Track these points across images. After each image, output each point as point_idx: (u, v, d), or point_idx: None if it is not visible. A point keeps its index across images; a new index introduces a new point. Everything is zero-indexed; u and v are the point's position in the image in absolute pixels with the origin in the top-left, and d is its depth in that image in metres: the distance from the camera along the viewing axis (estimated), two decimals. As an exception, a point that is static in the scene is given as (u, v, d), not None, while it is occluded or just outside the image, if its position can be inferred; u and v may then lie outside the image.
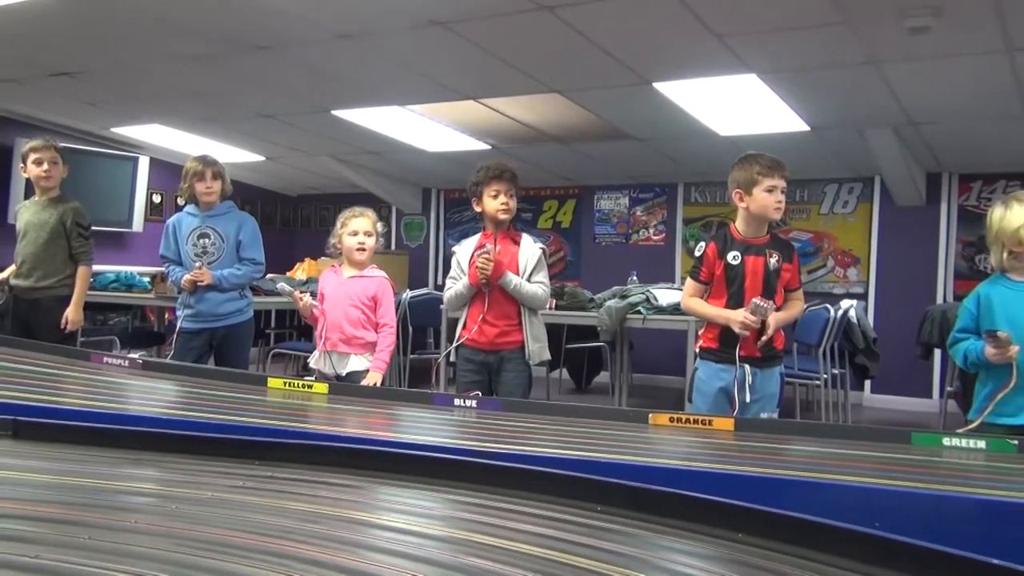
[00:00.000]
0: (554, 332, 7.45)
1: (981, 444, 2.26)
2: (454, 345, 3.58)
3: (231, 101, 6.53)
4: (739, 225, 3.15)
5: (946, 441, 2.29)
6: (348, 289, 3.60)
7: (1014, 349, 2.46)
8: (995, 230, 2.61)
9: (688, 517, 1.35)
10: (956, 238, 7.43)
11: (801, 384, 5.98)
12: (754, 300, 2.97)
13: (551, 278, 3.79)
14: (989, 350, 2.50)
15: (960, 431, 2.38)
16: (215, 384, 2.89)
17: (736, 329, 3.01)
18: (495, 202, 3.49)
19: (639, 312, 5.77)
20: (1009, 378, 2.48)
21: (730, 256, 3.10)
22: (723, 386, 3.07)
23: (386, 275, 3.71)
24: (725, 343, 3.08)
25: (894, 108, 5.56)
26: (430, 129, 7.01)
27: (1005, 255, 2.59)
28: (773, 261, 3.08)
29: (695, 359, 3.29)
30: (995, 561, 1.05)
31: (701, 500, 1.34)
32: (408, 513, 1.45)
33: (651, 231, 8.91)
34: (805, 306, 3.30)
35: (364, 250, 3.62)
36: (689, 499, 1.35)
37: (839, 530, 1.21)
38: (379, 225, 3.68)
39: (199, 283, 4.24)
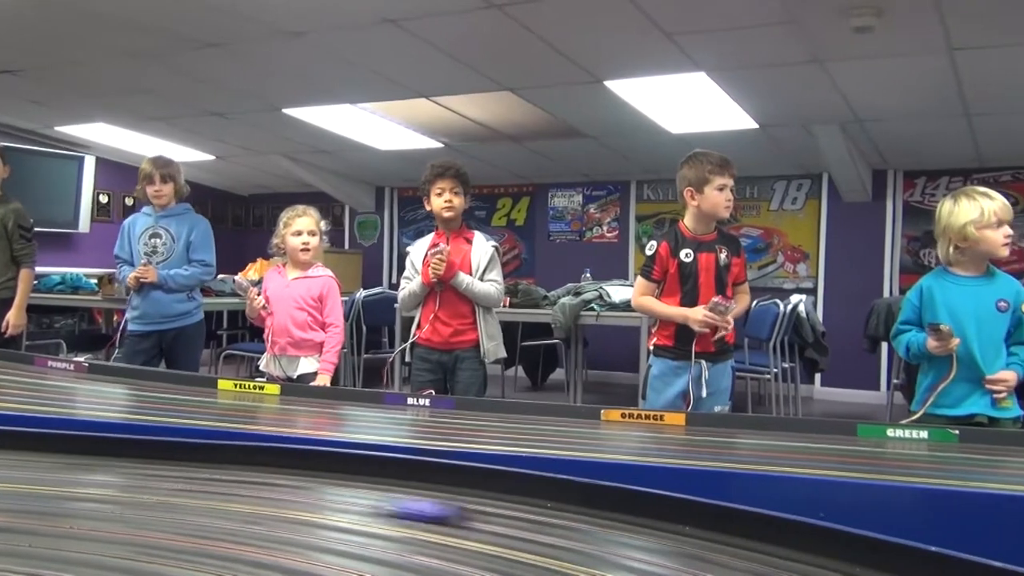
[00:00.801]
0: (509, 330, 7.46)
1: (924, 435, 2.30)
2: (406, 344, 3.57)
3: (180, 99, 6.43)
4: (688, 223, 3.16)
5: (890, 432, 2.33)
6: (293, 291, 3.54)
7: (955, 342, 2.51)
8: (943, 224, 2.67)
9: (637, 512, 1.35)
10: (901, 233, 7.59)
11: (752, 378, 6.06)
12: (714, 299, 2.97)
13: (506, 276, 3.79)
14: (931, 342, 2.55)
15: (903, 422, 2.43)
16: (164, 387, 2.85)
17: (696, 328, 3.02)
18: (439, 200, 3.49)
19: (593, 309, 5.80)
20: (950, 370, 2.53)
21: (683, 254, 3.11)
22: (678, 382, 3.09)
23: (331, 273, 3.66)
24: (680, 340, 3.09)
25: (840, 106, 5.66)
26: (382, 127, 6.98)
27: (951, 249, 2.65)
28: (723, 256, 3.11)
29: (648, 356, 3.31)
30: (932, 548, 1.07)
31: (650, 495, 1.35)
32: (356, 513, 1.44)
33: (605, 228, 8.96)
34: (753, 300, 3.34)
35: (308, 250, 3.55)
36: (638, 494, 1.36)
37: (784, 521, 1.23)
38: (323, 224, 3.63)
39: (143, 280, 4.17)
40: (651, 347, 3.24)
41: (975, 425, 2.50)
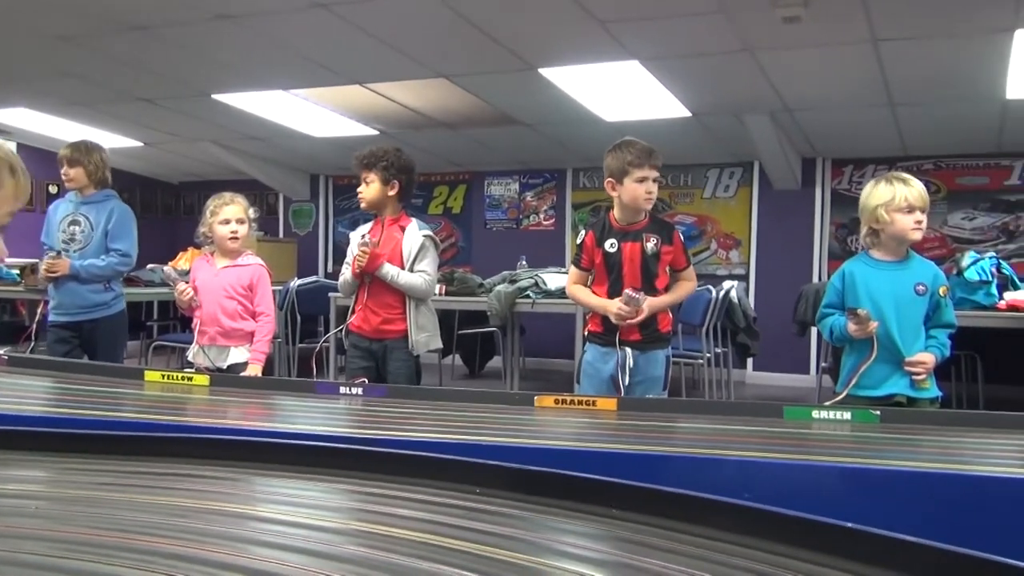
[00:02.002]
0: (446, 318, 7.48)
1: (847, 415, 2.36)
2: (335, 331, 3.56)
3: (105, 84, 6.25)
4: (615, 212, 3.17)
5: (815, 414, 2.39)
6: (222, 280, 3.48)
7: (873, 325, 2.58)
8: (861, 207, 2.75)
9: (565, 496, 1.37)
10: (830, 220, 7.77)
11: (686, 364, 6.15)
12: (626, 291, 2.98)
13: (442, 264, 3.78)
14: (851, 326, 2.62)
15: (827, 404, 2.49)
16: (87, 379, 2.77)
17: (612, 319, 3.06)
18: (359, 189, 3.49)
19: (528, 297, 5.82)
20: (870, 352, 2.61)
21: (607, 244, 3.12)
22: (608, 369, 3.11)
23: (262, 262, 3.61)
24: (607, 327, 3.12)
25: (770, 95, 5.76)
26: (316, 114, 6.89)
27: (866, 232, 2.73)
28: (651, 245, 3.09)
29: (584, 343, 3.33)
30: (848, 524, 1.10)
31: (576, 479, 1.36)
32: (288, 504, 1.43)
33: (541, 216, 8.99)
34: (695, 283, 3.34)
35: (237, 239, 3.49)
36: (564, 478, 1.37)
37: (708, 502, 1.25)
38: (252, 211, 3.57)
39: (54, 273, 4.06)
40: (586, 333, 3.28)
41: (895, 405, 2.57)
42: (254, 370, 3.39)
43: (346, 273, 3.53)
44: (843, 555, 1.06)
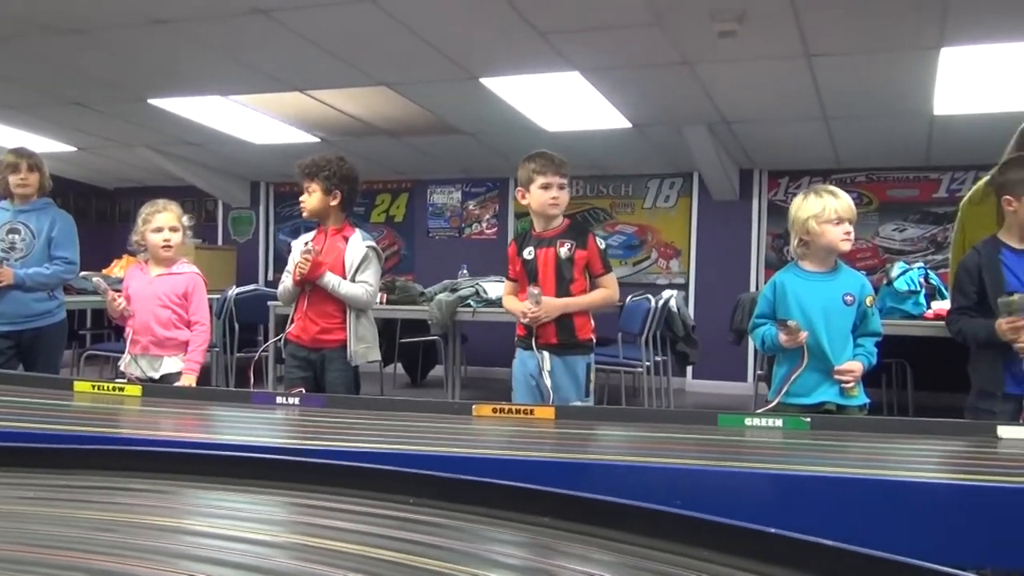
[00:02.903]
0: (387, 327, 7.46)
1: (778, 423, 2.41)
2: (273, 341, 3.52)
3: (37, 87, 6.10)
4: (533, 220, 3.27)
5: (748, 421, 2.43)
6: (156, 288, 3.43)
7: (803, 335, 2.65)
8: (791, 219, 2.81)
9: (498, 505, 1.37)
10: (766, 231, 7.92)
11: (626, 372, 6.20)
12: (528, 288, 3.09)
13: (384, 273, 3.79)
14: (781, 336, 2.68)
15: (759, 411, 2.54)
16: (14, 390, 2.70)
17: (522, 320, 3.14)
18: (301, 198, 3.48)
19: (469, 305, 5.82)
20: (801, 361, 2.67)
21: (526, 252, 3.22)
22: (529, 373, 3.16)
23: (197, 270, 3.56)
24: (528, 331, 3.18)
25: (708, 107, 5.86)
26: (256, 121, 6.81)
27: (796, 243, 2.80)
28: (564, 250, 3.16)
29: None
30: (771, 530, 1.12)
31: (509, 488, 1.36)
32: (220, 516, 1.41)
33: (484, 225, 9.00)
34: (618, 294, 3.36)
35: (170, 247, 3.45)
36: (497, 487, 1.37)
37: (640, 510, 1.27)
38: (186, 219, 3.52)
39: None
40: (516, 340, 3.31)
41: (825, 413, 2.64)
42: (188, 380, 3.34)
43: (287, 281, 3.51)
44: (769, 561, 1.08)
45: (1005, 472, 2.04)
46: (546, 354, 3.12)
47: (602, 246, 3.26)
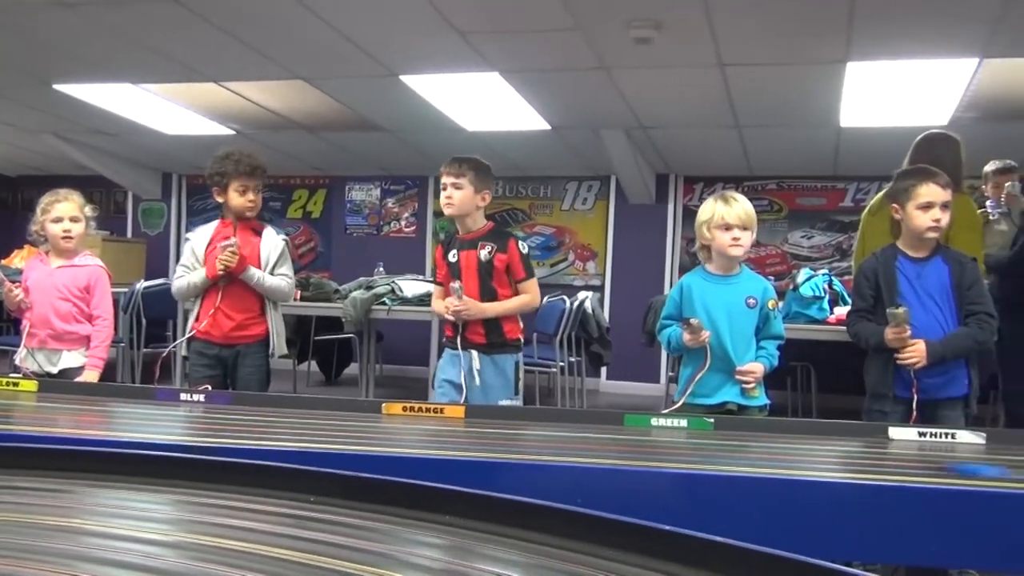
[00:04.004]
0: (302, 324, 7.36)
1: (683, 423, 2.47)
2: (185, 337, 3.44)
3: (-68, 69, 5.83)
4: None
5: (654, 421, 2.48)
6: (56, 280, 3.31)
7: (705, 334, 2.72)
8: (696, 224, 2.89)
9: (401, 504, 1.37)
10: (681, 235, 8.07)
11: (541, 372, 6.25)
12: (451, 284, 3.13)
13: (301, 269, 3.76)
14: (685, 336, 2.75)
15: (665, 412, 2.59)
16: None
17: (447, 316, 3.16)
18: (242, 199, 3.41)
19: (384, 303, 5.79)
20: (704, 361, 2.74)
21: (450, 255, 3.25)
22: (455, 372, 3.16)
23: (100, 262, 3.45)
24: (455, 332, 3.19)
25: (625, 112, 5.94)
26: (169, 110, 6.62)
27: (699, 247, 2.88)
28: (484, 253, 3.18)
29: (440, 350, 3.39)
30: (666, 527, 1.14)
31: (411, 486, 1.37)
32: (117, 516, 1.37)
33: (402, 223, 8.96)
34: (540, 297, 3.39)
35: (71, 238, 3.33)
36: (400, 485, 1.37)
37: (539, 508, 1.28)
38: (88, 209, 3.41)
39: None
40: (443, 341, 3.33)
41: (727, 412, 2.71)
42: (91, 376, 3.24)
43: (192, 276, 3.42)
44: (665, 558, 1.10)
45: (895, 471, 2.13)
46: (475, 353, 3.14)
47: (524, 251, 3.26)
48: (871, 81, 5.03)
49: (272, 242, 3.50)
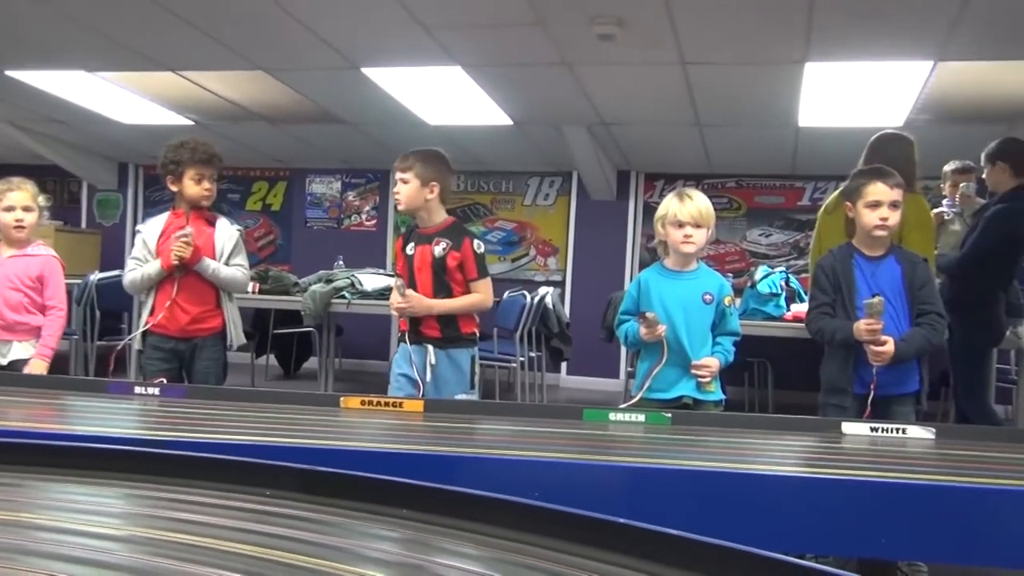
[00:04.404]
0: (261, 317, 7.29)
1: (641, 418, 2.49)
2: (139, 332, 3.39)
3: None
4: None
5: (612, 416, 2.50)
6: (7, 270, 3.27)
7: (661, 328, 2.74)
8: (654, 219, 2.92)
9: (356, 497, 1.37)
10: (641, 231, 8.12)
11: (501, 367, 6.26)
12: (395, 283, 3.14)
13: (260, 262, 3.72)
14: (641, 329, 2.77)
15: (623, 406, 2.61)
16: None
17: (395, 313, 3.16)
18: (198, 187, 3.37)
19: (344, 297, 5.76)
20: (661, 356, 2.76)
21: (408, 248, 3.23)
22: (410, 366, 3.15)
23: (54, 252, 3.40)
24: (411, 324, 3.18)
25: (587, 108, 5.96)
26: (126, 99, 6.51)
27: (657, 242, 2.90)
28: (439, 249, 3.15)
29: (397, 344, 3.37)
30: (621, 520, 1.15)
31: (367, 479, 1.36)
32: (67, 510, 1.35)
33: (363, 217, 8.91)
34: (492, 298, 3.36)
35: (23, 227, 3.29)
36: (355, 479, 1.37)
37: (494, 501, 1.29)
38: (41, 198, 3.35)
39: None
40: (399, 334, 3.31)
41: (683, 407, 2.73)
42: (38, 367, 3.18)
43: (146, 269, 3.37)
44: (622, 551, 1.11)
45: (848, 466, 2.17)
46: (430, 347, 3.13)
47: (479, 251, 3.21)
48: (829, 82, 5.10)
49: (226, 233, 3.47)
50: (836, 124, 5.94)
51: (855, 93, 5.30)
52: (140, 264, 3.39)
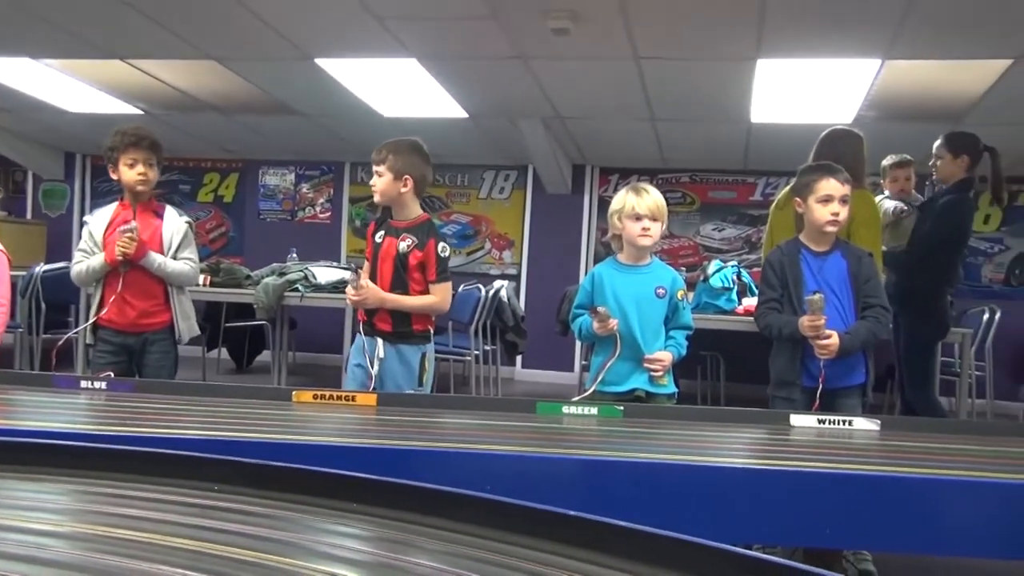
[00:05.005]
0: (213, 310, 7.19)
1: (594, 411, 2.51)
2: (85, 325, 3.32)
3: None
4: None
5: (565, 409, 2.52)
6: None
7: (613, 322, 2.76)
8: (608, 213, 2.93)
9: (306, 491, 1.36)
10: (596, 225, 8.16)
11: (456, 360, 6.25)
12: (349, 273, 3.11)
13: (212, 254, 3.66)
14: (594, 324, 2.79)
15: (576, 399, 2.63)
16: None
17: (351, 304, 3.15)
18: (131, 172, 3.28)
19: (297, 290, 5.70)
20: (614, 349, 2.78)
21: (377, 236, 3.19)
22: (362, 358, 3.13)
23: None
24: (367, 316, 3.16)
25: (542, 102, 5.97)
26: (72, 88, 6.38)
27: (611, 236, 2.92)
28: (404, 245, 3.12)
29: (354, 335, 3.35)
30: (571, 513, 1.16)
31: (317, 473, 1.35)
32: (13, 507, 1.32)
33: (317, 209, 8.83)
34: (447, 305, 3.30)
35: None
36: (304, 473, 1.36)
37: (448, 495, 1.28)
38: None
39: None
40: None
41: (635, 400, 2.76)
42: (-19, 362, 3.11)
43: (91, 261, 3.30)
44: (572, 543, 1.11)
45: (795, 457, 2.21)
46: (380, 341, 3.10)
47: (444, 254, 3.18)
48: (780, 79, 5.16)
49: (174, 224, 3.41)
50: (787, 120, 6.02)
51: (806, 90, 5.38)
52: (87, 256, 3.33)
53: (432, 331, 3.27)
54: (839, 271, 2.91)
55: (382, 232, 3.17)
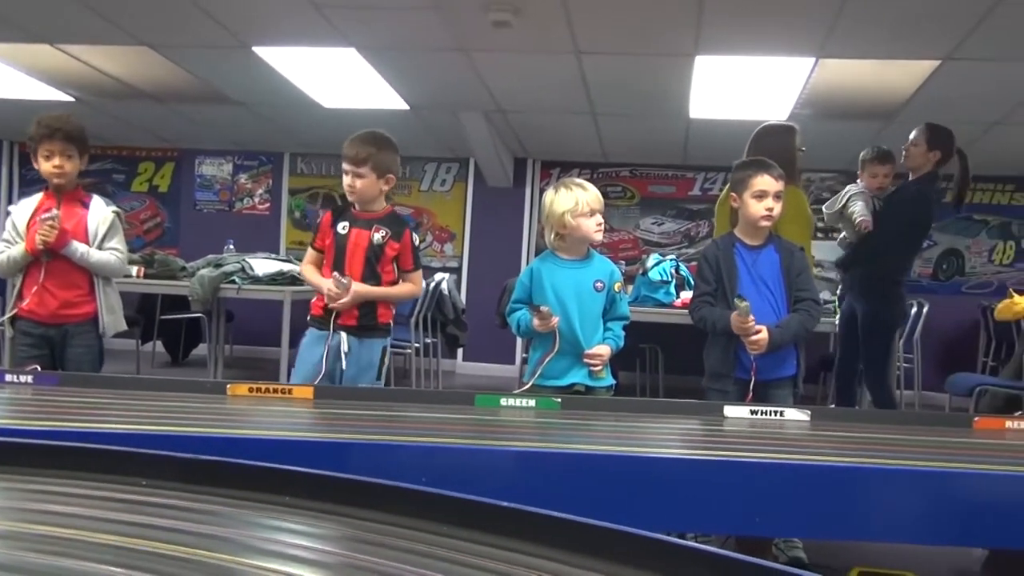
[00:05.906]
0: (147, 302, 7.05)
1: (531, 403, 2.53)
2: (6, 316, 3.23)
3: None
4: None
5: (503, 401, 2.53)
6: None
7: (554, 320, 2.77)
8: (546, 213, 2.92)
9: (238, 485, 1.34)
10: (538, 219, 8.19)
11: (397, 353, 6.22)
12: (335, 274, 3.04)
13: (146, 245, 3.58)
14: (535, 321, 2.80)
15: (514, 392, 2.64)
16: None
17: (328, 303, 3.07)
18: (47, 164, 3.21)
19: (234, 282, 5.62)
20: (553, 345, 2.80)
21: (340, 226, 3.14)
22: (319, 352, 3.09)
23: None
24: (327, 310, 3.11)
25: (484, 95, 5.97)
26: (-2, 73, 6.19)
27: (553, 236, 2.91)
28: (378, 236, 3.11)
29: (294, 329, 3.30)
30: (505, 504, 1.16)
31: (249, 467, 1.34)
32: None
33: (256, 200, 8.71)
34: (421, 290, 3.33)
35: None
36: (236, 467, 1.34)
37: (381, 488, 1.28)
38: None
39: None
40: (308, 318, 3.23)
41: (575, 393, 2.77)
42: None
43: (12, 251, 3.22)
44: (507, 535, 1.11)
45: (727, 448, 2.25)
46: (344, 335, 3.07)
47: (416, 243, 3.24)
48: (718, 75, 5.24)
49: (100, 214, 3.33)
50: (725, 116, 6.11)
51: (742, 87, 5.46)
52: (9, 246, 3.24)
53: (392, 324, 3.26)
54: (772, 265, 2.96)
55: (345, 223, 3.13)
